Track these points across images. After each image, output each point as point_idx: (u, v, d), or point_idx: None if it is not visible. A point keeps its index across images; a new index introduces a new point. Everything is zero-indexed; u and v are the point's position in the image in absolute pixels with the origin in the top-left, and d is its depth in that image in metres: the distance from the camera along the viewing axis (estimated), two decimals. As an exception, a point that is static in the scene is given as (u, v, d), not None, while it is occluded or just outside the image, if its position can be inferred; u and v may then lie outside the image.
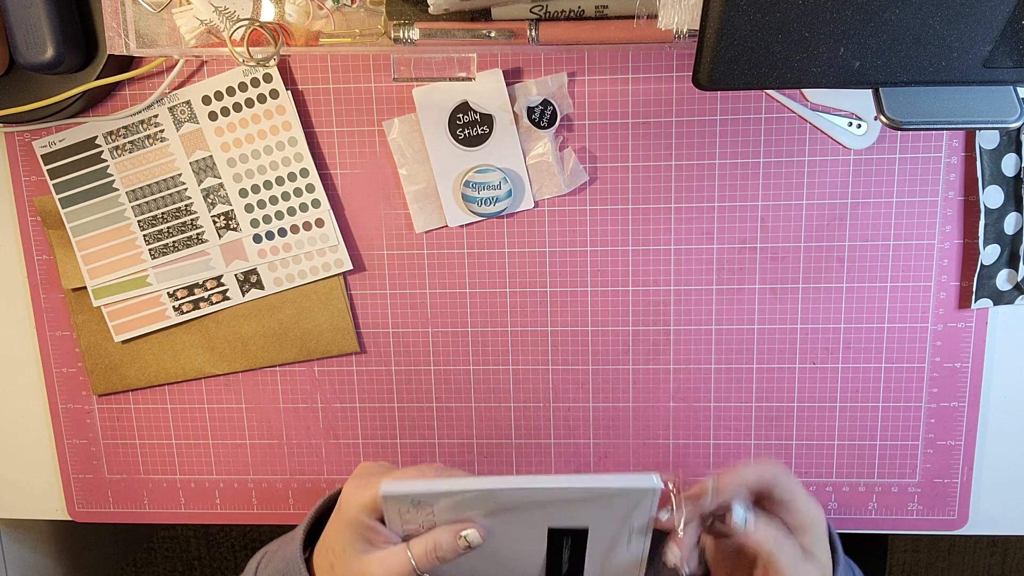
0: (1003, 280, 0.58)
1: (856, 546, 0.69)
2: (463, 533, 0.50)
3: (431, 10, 0.50)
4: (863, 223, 0.58)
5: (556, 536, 0.51)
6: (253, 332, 0.63)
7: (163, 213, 0.61)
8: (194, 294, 0.62)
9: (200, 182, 0.60)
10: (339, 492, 0.53)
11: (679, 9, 0.46)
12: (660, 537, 0.50)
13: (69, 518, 0.68)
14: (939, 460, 0.62)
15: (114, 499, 0.67)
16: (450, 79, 0.54)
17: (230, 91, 0.59)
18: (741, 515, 0.49)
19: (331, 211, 0.60)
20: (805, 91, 0.57)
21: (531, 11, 0.52)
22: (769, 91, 0.57)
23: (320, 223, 0.60)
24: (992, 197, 0.57)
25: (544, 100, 0.57)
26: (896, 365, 0.60)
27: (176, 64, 0.58)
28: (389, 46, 0.53)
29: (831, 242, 0.59)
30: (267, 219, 0.60)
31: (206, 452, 0.66)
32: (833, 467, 0.62)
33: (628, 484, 0.49)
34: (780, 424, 0.62)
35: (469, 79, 0.53)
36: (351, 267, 0.61)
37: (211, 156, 0.60)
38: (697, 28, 0.40)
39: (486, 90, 0.57)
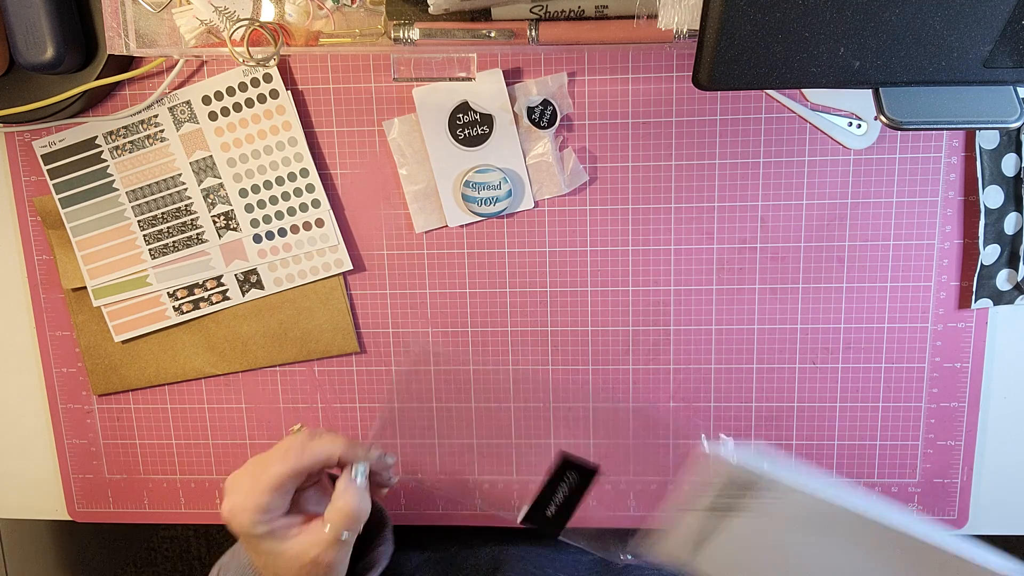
0: (1003, 280, 0.58)
1: (856, 546, 0.69)
2: (356, 467, 0.48)
3: (431, 10, 0.50)
4: (863, 223, 0.58)
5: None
6: (253, 332, 0.63)
7: (163, 213, 0.61)
8: (194, 294, 0.62)
9: (200, 182, 0.60)
10: None
11: (679, 9, 0.46)
12: None
13: (69, 518, 0.68)
14: (939, 460, 0.62)
15: (114, 499, 0.67)
16: (450, 79, 0.53)
17: (230, 91, 0.59)
18: None
19: (331, 211, 0.60)
20: (805, 91, 0.57)
21: (531, 11, 0.52)
22: (769, 91, 0.57)
23: (320, 223, 0.60)
24: (992, 197, 0.57)
25: (544, 100, 0.57)
26: (896, 365, 0.60)
27: (176, 64, 0.58)
28: (389, 46, 0.53)
29: (831, 242, 0.59)
30: (267, 219, 0.60)
31: (206, 452, 0.66)
32: (833, 467, 0.62)
33: (991, 564, 0.43)
34: (780, 424, 0.62)
35: (469, 79, 0.53)
36: (351, 267, 0.61)
37: (211, 156, 0.60)
38: (697, 28, 0.40)
39: (486, 90, 0.57)
